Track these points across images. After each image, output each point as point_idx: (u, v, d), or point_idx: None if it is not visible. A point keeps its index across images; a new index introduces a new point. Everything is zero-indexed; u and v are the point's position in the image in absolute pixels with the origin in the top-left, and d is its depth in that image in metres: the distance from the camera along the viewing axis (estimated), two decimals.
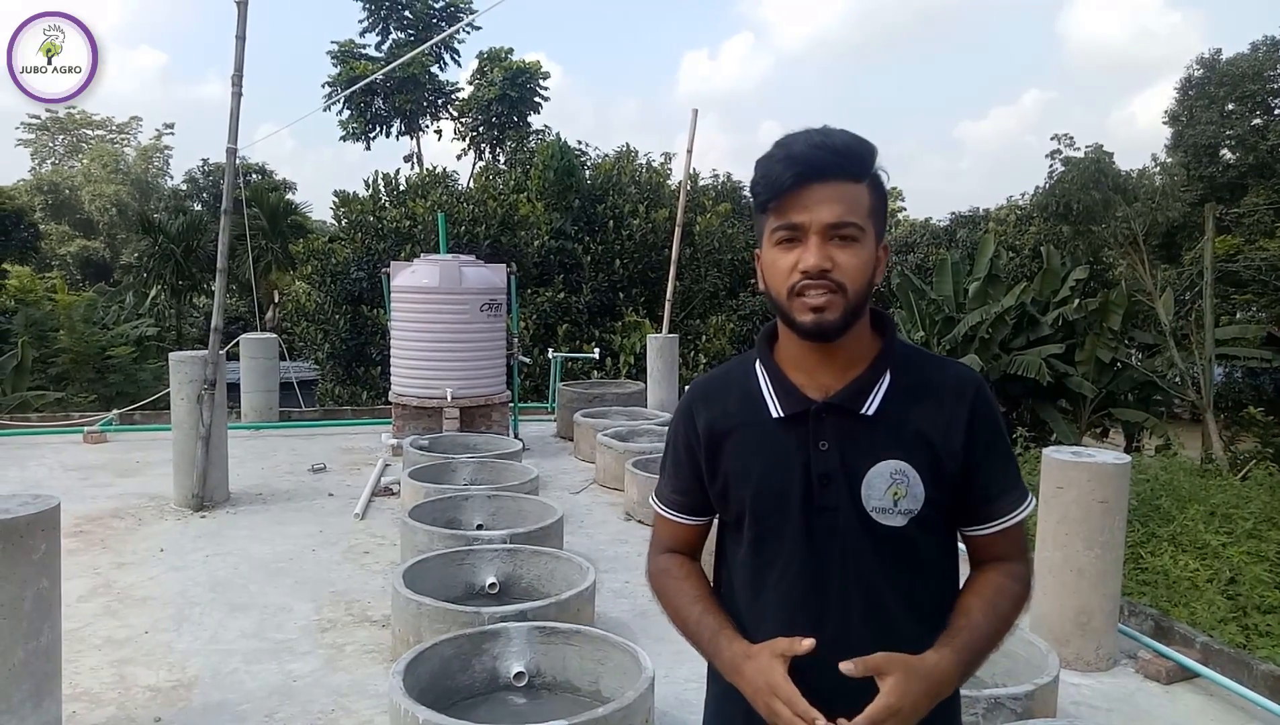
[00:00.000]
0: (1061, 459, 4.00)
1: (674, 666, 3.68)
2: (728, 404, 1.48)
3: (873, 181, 1.37)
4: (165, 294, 23.74)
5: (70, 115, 45.14)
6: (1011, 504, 1.45)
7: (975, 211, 24.72)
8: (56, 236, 37.97)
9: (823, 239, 1.32)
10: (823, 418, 1.39)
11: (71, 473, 7.40)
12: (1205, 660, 3.95)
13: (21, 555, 2.84)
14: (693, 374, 14.36)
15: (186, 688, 3.68)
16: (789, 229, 1.34)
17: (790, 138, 1.35)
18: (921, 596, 1.42)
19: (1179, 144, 22.38)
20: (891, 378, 1.41)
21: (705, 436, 1.48)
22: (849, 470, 1.38)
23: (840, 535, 1.39)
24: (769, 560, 1.43)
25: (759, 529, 1.44)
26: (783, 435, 1.41)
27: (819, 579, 1.40)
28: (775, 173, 1.33)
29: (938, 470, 1.39)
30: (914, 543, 1.40)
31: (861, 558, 1.39)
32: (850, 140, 1.35)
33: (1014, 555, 1.48)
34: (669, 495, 1.59)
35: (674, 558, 1.59)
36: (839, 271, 1.32)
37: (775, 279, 1.37)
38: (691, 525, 1.58)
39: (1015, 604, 1.44)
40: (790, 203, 1.33)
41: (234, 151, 6.46)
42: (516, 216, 16.26)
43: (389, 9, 27.44)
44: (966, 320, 15.76)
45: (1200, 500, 8.87)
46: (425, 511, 5.04)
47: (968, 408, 1.41)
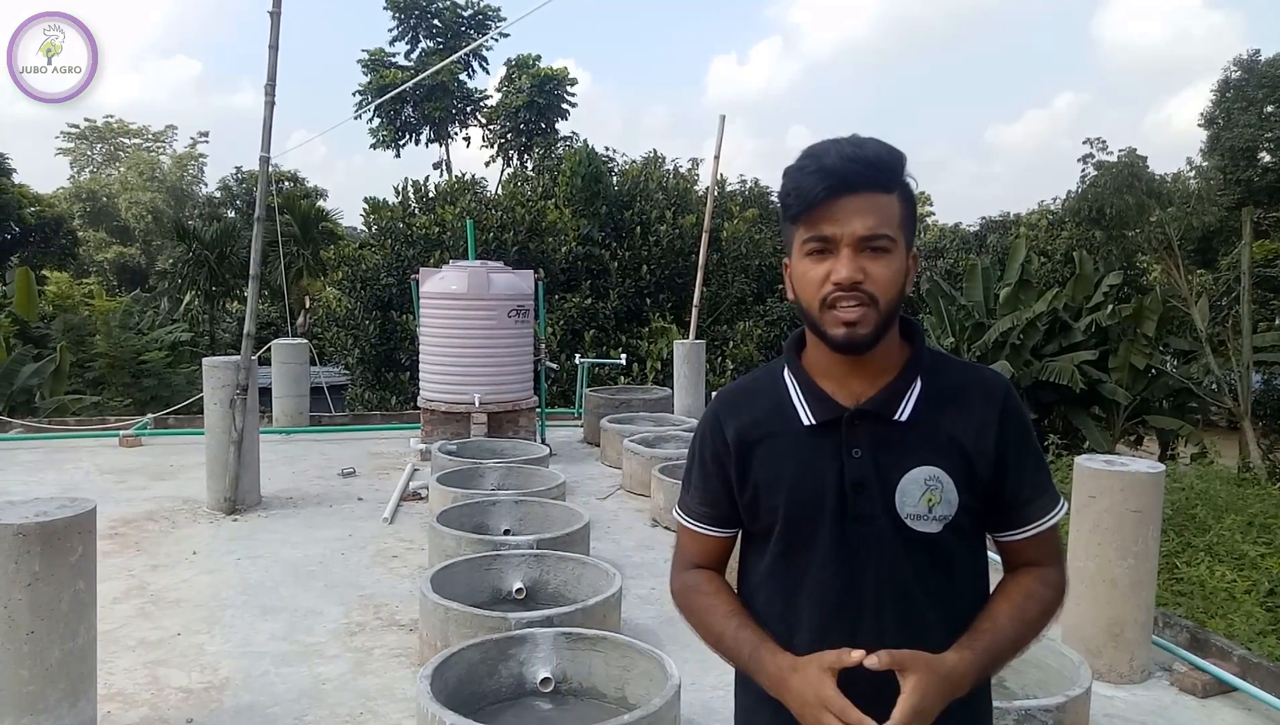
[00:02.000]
0: (1094, 467, 3.94)
1: (700, 674, 3.67)
2: (756, 413, 1.47)
3: (902, 191, 1.37)
4: (199, 300, 24.09)
5: (108, 124, 46.08)
6: (1043, 509, 1.45)
7: (1006, 216, 24.49)
8: (94, 243, 38.72)
9: (854, 251, 1.32)
10: (855, 425, 1.39)
11: (107, 476, 7.53)
12: (1243, 673, 3.87)
13: (59, 557, 2.89)
14: (720, 380, 14.34)
15: (218, 689, 3.73)
16: (820, 240, 1.34)
17: (821, 148, 1.35)
18: (953, 602, 1.41)
19: (1215, 147, 22.01)
20: (922, 384, 1.41)
21: (735, 446, 1.46)
22: (883, 477, 1.37)
23: (874, 543, 1.38)
24: (801, 570, 1.42)
25: (791, 538, 1.43)
26: (815, 443, 1.41)
27: (853, 587, 1.39)
28: (807, 185, 1.32)
29: (971, 475, 1.39)
30: (948, 549, 1.40)
31: (896, 565, 1.38)
32: (881, 151, 1.35)
33: (1047, 560, 1.47)
34: (696, 508, 1.56)
35: (700, 573, 1.57)
36: (871, 283, 1.32)
37: (806, 290, 1.37)
38: (720, 538, 1.56)
39: (1045, 609, 1.43)
40: (822, 214, 1.32)
41: (267, 159, 6.55)
42: (544, 223, 16.33)
43: (418, 18, 27.70)
44: (997, 326, 15.59)
45: (1237, 510, 8.71)
46: (453, 516, 5.07)
47: (998, 411, 1.41)
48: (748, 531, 1.53)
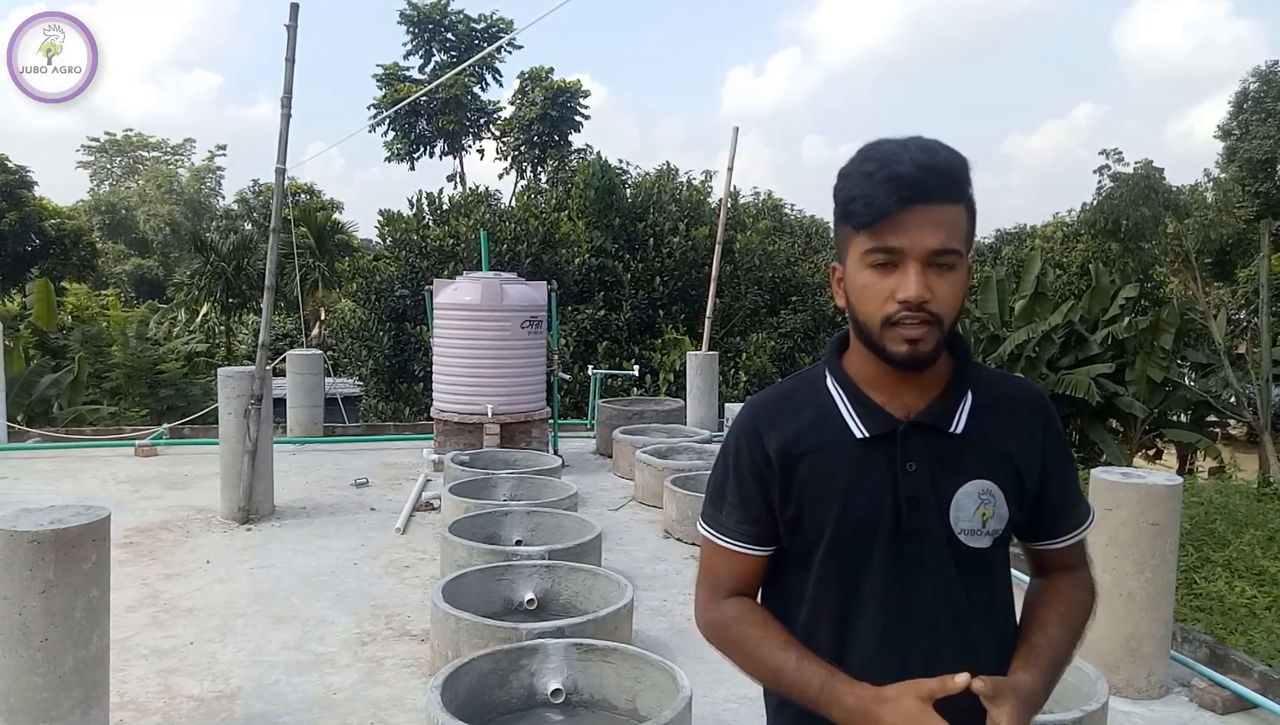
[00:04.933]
0: (1111, 480, 3.90)
1: (712, 687, 3.65)
2: (800, 424, 1.38)
3: (968, 201, 1.30)
4: (216, 311, 24.30)
5: (127, 137, 46.64)
6: (1081, 517, 1.45)
7: (1021, 228, 24.39)
8: (113, 255, 39.14)
9: (922, 266, 1.24)
10: (910, 437, 1.33)
11: (123, 485, 7.57)
12: (1264, 690, 3.81)
13: (73, 564, 2.90)
14: (733, 392, 14.30)
15: (229, 698, 3.73)
16: (886, 252, 1.25)
17: (889, 152, 1.26)
18: (993, 618, 1.39)
19: (1233, 159, 21.89)
20: (973, 395, 1.38)
21: (778, 459, 1.36)
22: (938, 492, 1.33)
23: (928, 560, 1.33)
24: (849, 590, 1.36)
25: (840, 556, 1.36)
26: (867, 457, 1.34)
27: (906, 605, 1.34)
28: (877, 194, 1.23)
29: (1020, 488, 1.36)
30: (993, 564, 1.38)
31: (950, 584, 1.34)
32: (953, 160, 1.28)
33: (1080, 564, 1.47)
34: (735, 527, 1.42)
35: (741, 602, 1.43)
36: (937, 303, 1.25)
37: (867, 305, 1.28)
38: (760, 558, 1.44)
39: (1087, 614, 1.43)
40: (890, 225, 1.24)
41: (283, 171, 6.60)
42: (557, 235, 16.38)
43: (432, 32, 27.95)
44: (1012, 338, 15.51)
45: (1258, 524, 8.62)
46: (465, 527, 5.06)
47: (1041, 422, 1.40)
48: (787, 549, 1.43)
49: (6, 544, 2.82)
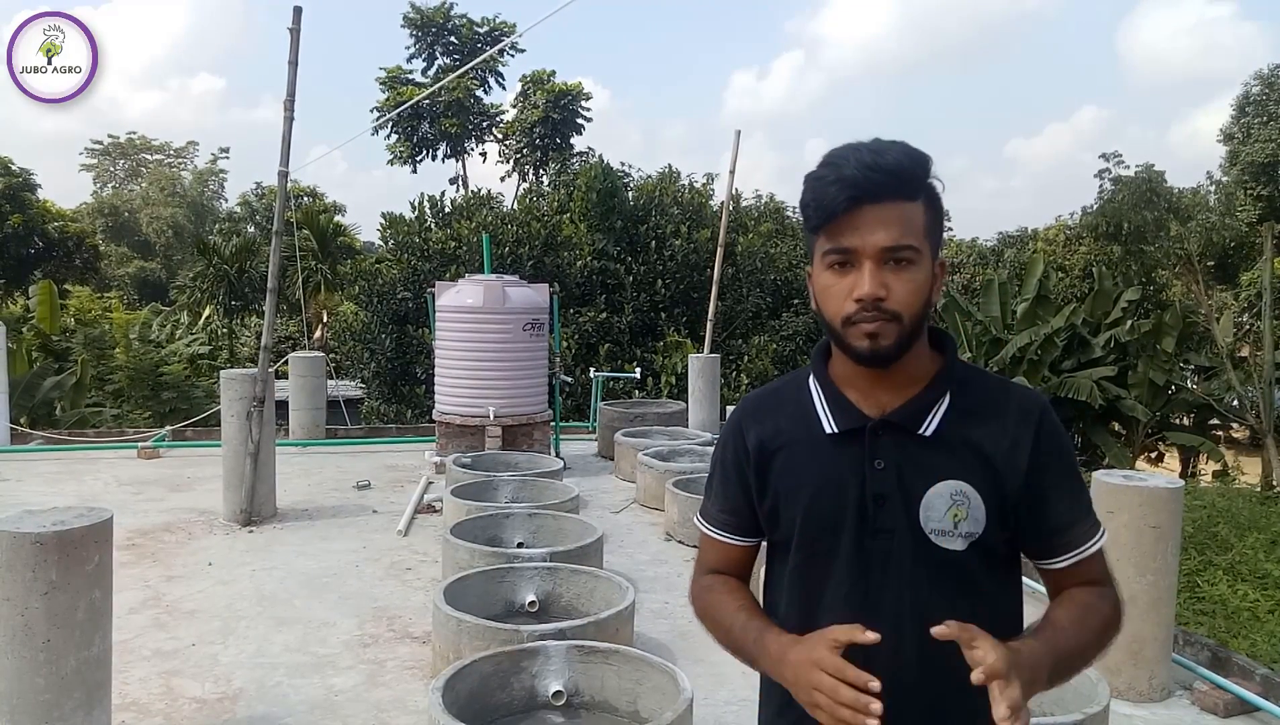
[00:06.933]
0: (1112, 482, 3.90)
1: (713, 689, 3.65)
2: (780, 420, 1.43)
3: (928, 196, 1.31)
4: (218, 313, 24.30)
5: (130, 140, 46.71)
6: (1084, 535, 1.37)
7: (1023, 231, 24.39)
8: (116, 258, 39.17)
9: (877, 264, 1.27)
10: (879, 435, 1.34)
11: (125, 487, 7.58)
12: (1266, 693, 3.81)
13: (76, 566, 2.91)
14: (735, 394, 14.29)
15: (231, 700, 3.74)
16: (841, 252, 1.29)
17: (841, 156, 1.29)
18: (978, 623, 1.29)
19: (1235, 162, 21.88)
20: (951, 398, 1.36)
21: (755, 453, 1.43)
22: (906, 490, 1.33)
23: (895, 558, 1.33)
24: (819, 583, 1.38)
25: (809, 549, 1.38)
26: (836, 452, 1.37)
27: (871, 604, 1.33)
28: (827, 196, 1.27)
29: (1000, 494, 1.33)
30: (972, 571, 1.34)
31: (917, 583, 1.33)
32: (903, 158, 1.29)
33: (1101, 581, 1.39)
34: (716, 515, 1.51)
35: (717, 577, 1.52)
36: (893, 300, 1.27)
37: (829, 305, 1.32)
38: (739, 547, 1.51)
39: (1105, 623, 1.35)
40: (842, 225, 1.27)
41: (285, 174, 6.61)
42: (559, 237, 16.39)
43: (435, 35, 27.99)
44: (1015, 341, 15.50)
45: (1261, 528, 8.60)
46: (467, 529, 5.07)
47: (1033, 431, 1.35)
48: (770, 540, 1.48)
49: (9, 545, 2.83)
